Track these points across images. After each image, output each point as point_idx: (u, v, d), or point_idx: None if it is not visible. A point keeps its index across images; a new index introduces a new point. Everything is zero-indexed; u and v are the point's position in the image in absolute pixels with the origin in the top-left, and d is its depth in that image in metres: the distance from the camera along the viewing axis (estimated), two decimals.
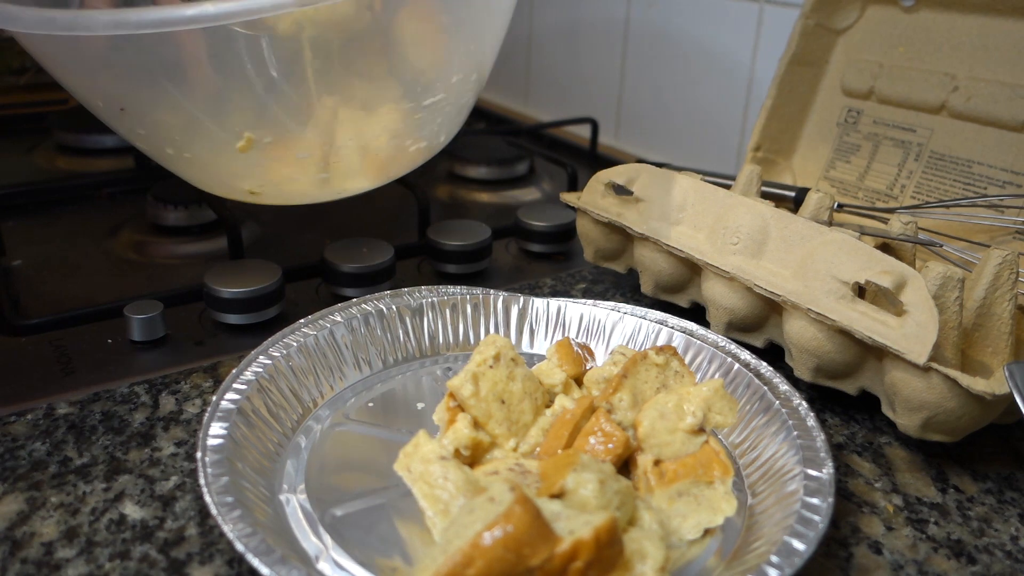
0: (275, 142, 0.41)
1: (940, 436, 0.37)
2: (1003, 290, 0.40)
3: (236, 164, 0.42)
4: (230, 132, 0.41)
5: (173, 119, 0.41)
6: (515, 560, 0.26)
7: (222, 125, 0.41)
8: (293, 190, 0.46)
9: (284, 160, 0.43)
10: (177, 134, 0.42)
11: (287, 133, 0.41)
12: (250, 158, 0.41)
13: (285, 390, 0.38)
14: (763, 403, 0.38)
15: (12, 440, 0.38)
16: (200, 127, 0.41)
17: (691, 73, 0.82)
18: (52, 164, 0.75)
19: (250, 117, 0.40)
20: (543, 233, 0.59)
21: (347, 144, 0.43)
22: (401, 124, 0.44)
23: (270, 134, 0.41)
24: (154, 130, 0.42)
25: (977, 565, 0.33)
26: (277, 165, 0.43)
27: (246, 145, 0.40)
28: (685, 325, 0.45)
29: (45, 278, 0.54)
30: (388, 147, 0.45)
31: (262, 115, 0.40)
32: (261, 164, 0.42)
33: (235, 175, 0.44)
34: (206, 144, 0.42)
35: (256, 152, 0.41)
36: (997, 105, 0.51)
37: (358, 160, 0.45)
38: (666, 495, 0.33)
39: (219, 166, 0.43)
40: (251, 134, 0.40)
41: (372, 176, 0.47)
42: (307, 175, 0.44)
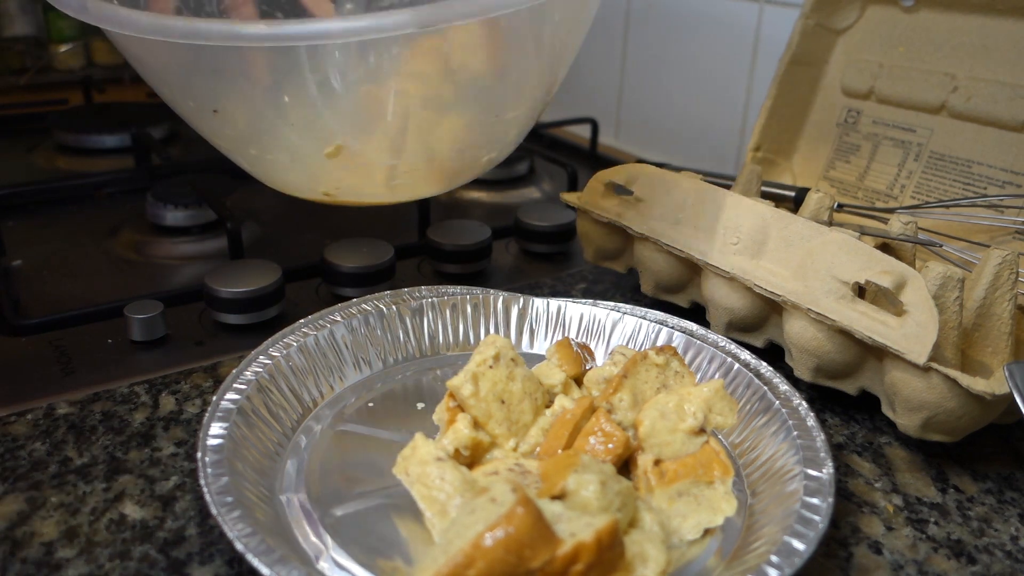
0: (361, 149, 0.42)
1: (940, 436, 0.37)
2: (1003, 290, 0.40)
3: (319, 168, 0.43)
4: (320, 139, 0.41)
5: (266, 124, 0.42)
6: (516, 562, 0.26)
7: (314, 133, 0.41)
8: (365, 192, 0.47)
9: (368, 166, 0.44)
10: (267, 138, 0.43)
11: (372, 142, 0.42)
12: (334, 163, 0.42)
13: (285, 390, 0.38)
14: (763, 403, 0.38)
15: (12, 440, 0.38)
16: (292, 133, 0.42)
17: (691, 73, 0.82)
18: (52, 164, 0.75)
19: (343, 125, 0.41)
20: (543, 233, 0.59)
21: (425, 153, 0.44)
22: (480, 135, 0.45)
23: (358, 142, 0.42)
24: (244, 133, 0.43)
25: (977, 565, 0.33)
26: (360, 170, 0.44)
27: (334, 152, 0.41)
28: (685, 325, 0.45)
29: (45, 278, 0.54)
30: (462, 157, 0.46)
31: (354, 124, 0.41)
32: (343, 169, 0.43)
33: (314, 178, 0.45)
34: (294, 149, 0.43)
35: (343, 159, 0.42)
36: (997, 105, 0.51)
37: (432, 168, 0.46)
38: (666, 495, 0.33)
39: (301, 170, 0.44)
40: (341, 142, 0.41)
41: (442, 183, 0.48)
42: (382, 180, 0.45)
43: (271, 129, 0.42)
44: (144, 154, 0.68)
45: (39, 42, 1.05)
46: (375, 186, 0.46)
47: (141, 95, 0.99)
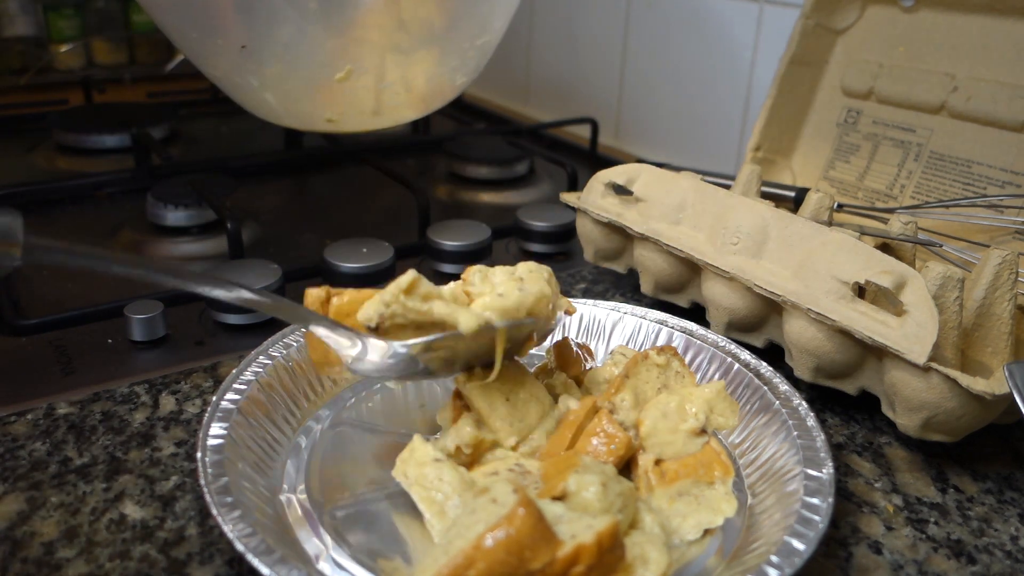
0: (369, 72, 0.46)
1: (940, 436, 0.37)
2: (1003, 290, 0.40)
3: (325, 96, 0.48)
4: (332, 64, 0.46)
5: (290, 55, 0.46)
6: (516, 563, 0.26)
7: (330, 57, 0.46)
8: (362, 119, 0.52)
9: (369, 89, 0.48)
10: (290, 62, 0.47)
11: (382, 66, 0.47)
12: (343, 88, 0.47)
13: (284, 390, 0.38)
14: (763, 403, 0.38)
15: (12, 440, 0.38)
16: (313, 56, 0.46)
17: (691, 73, 0.82)
18: (52, 164, 0.75)
19: (352, 51, 0.46)
20: (543, 233, 0.59)
21: (419, 76, 0.50)
22: (458, 60, 0.50)
23: (365, 65, 0.46)
24: (271, 59, 0.47)
25: (977, 565, 0.33)
26: (362, 93, 0.48)
27: (345, 76, 0.45)
28: (685, 325, 0.45)
29: (45, 278, 0.54)
30: (443, 80, 0.51)
31: (361, 49, 0.46)
32: (349, 93, 0.48)
33: (322, 104, 0.49)
34: (310, 74, 0.47)
35: (351, 83, 0.46)
36: (997, 105, 0.51)
37: (415, 92, 0.51)
38: (666, 495, 0.33)
39: (309, 98, 0.49)
40: (352, 66, 0.45)
41: (420, 107, 0.53)
42: (373, 106, 0.50)
43: (291, 59, 0.46)
44: (144, 154, 0.68)
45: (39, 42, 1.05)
46: (367, 113, 0.50)
47: (141, 95, 0.99)
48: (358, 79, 0.46)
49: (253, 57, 0.47)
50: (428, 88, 0.51)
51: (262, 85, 0.49)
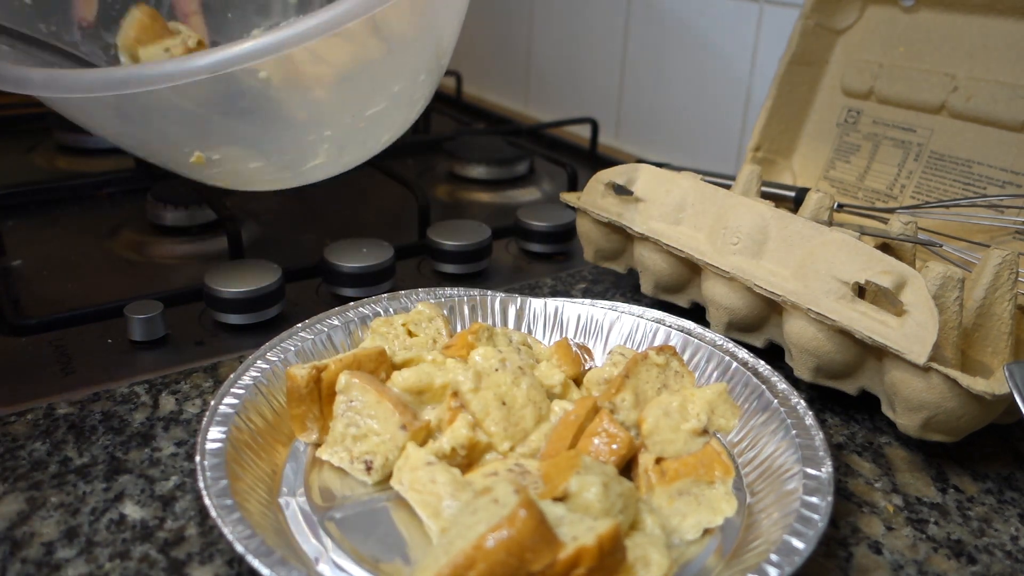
0: (224, 160, 0.47)
1: (940, 436, 0.37)
2: (1003, 290, 0.40)
3: (197, 172, 0.49)
4: (181, 154, 0.47)
5: (130, 144, 0.49)
6: (517, 564, 0.26)
7: (172, 150, 0.47)
8: (258, 184, 0.53)
9: (240, 170, 0.49)
10: (140, 152, 0.50)
11: (232, 156, 0.48)
12: (208, 169, 0.48)
13: (283, 394, 0.38)
14: (761, 402, 0.38)
15: (12, 440, 0.38)
16: (153, 150, 0.49)
17: (691, 73, 0.82)
18: (52, 164, 0.75)
19: (196, 144, 0.46)
20: (543, 233, 0.59)
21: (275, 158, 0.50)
22: (345, 136, 0.50)
23: (217, 154, 0.47)
24: (121, 145, 0.50)
25: (977, 565, 0.33)
26: (234, 172, 0.49)
27: (197, 161, 0.46)
28: (682, 324, 0.45)
29: (45, 278, 0.54)
30: (343, 150, 0.51)
31: (206, 144, 0.46)
32: (219, 173, 0.49)
33: (201, 177, 0.50)
34: (164, 160, 0.49)
35: (211, 166, 0.47)
36: (997, 105, 0.51)
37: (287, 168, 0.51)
38: (666, 493, 0.33)
39: (184, 172, 0.50)
40: (200, 154, 0.46)
41: (328, 171, 0.53)
42: (262, 178, 0.51)
43: (138, 146, 0.49)
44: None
45: None
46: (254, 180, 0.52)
47: None
48: (214, 163, 0.47)
49: (111, 137, 0.49)
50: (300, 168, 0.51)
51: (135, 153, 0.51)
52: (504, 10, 1.04)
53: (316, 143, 0.48)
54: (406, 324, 0.41)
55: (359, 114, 0.48)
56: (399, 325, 0.41)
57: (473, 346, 0.38)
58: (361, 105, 0.48)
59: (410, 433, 0.34)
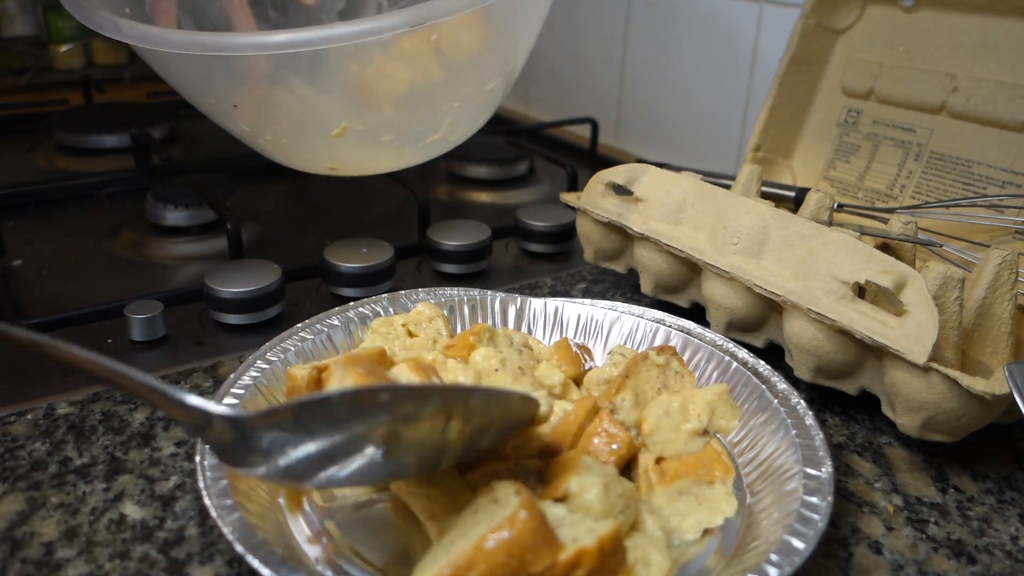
0: (366, 130, 0.49)
1: (940, 436, 0.37)
2: (1003, 290, 0.40)
3: (325, 148, 0.50)
4: (326, 126, 0.48)
5: (280, 114, 0.48)
6: (517, 566, 0.26)
7: (320, 122, 0.48)
8: (372, 166, 0.54)
9: (371, 144, 0.50)
10: (281, 126, 0.49)
11: (378, 124, 0.49)
12: (342, 144, 0.48)
13: (283, 394, 0.38)
14: (761, 402, 0.38)
15: (12, 440, 0.38)
16: (307, 120, 0.48)
17: (691, 73, 0.82)
18: (52, 164, 0.75)
19: (347, 111, 0.47)
20: (543, 233, 0.59)
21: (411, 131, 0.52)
22: (465, 109, 0.52)
23: (363, 124, 0.48)
24: (260, 124, 0.49)
25: (977, 565, 0.33)
26: (364, 147, 0.51)
27: (341, 132, 0.47)
28: (682, 324, 0.45)
29: (45, 278, 0.54)
30: (444, 130, 0.53)
31: (355, 110, 0.48)
32: (349, 149, 0.50)
33: (321, 156, 0.51)
34: (307, 132, 0.49)
35: (349, 138, 0.48)
36: (997, 105, 0.51)
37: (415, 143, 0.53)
38: (666, 493, 0.33)
39: (309, 149, 0.51)
40: (347, 123, 0.47)
41: (422, 155, 0.55)
42: (385, 154, 0.53)
43: (284, 118, 0.48)
44: (144, 154, 0.68)
45: (39, 42, 1.05)
46: (367, 160, 0.53)
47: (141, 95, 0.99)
48: (355, 134, 0.48)
49: (246, 116, 0.48)
50: (428, 140, 0.52)
51: (260, 138, 0.51)
52: None
53: (444, 114, 0.50)
54: (406, 324, 0.41)
55: (480, 88, 0.51)
56: (399, 325, 0.41)
57: (474, 347, 0.38)
58: (483, 80, 0.51)
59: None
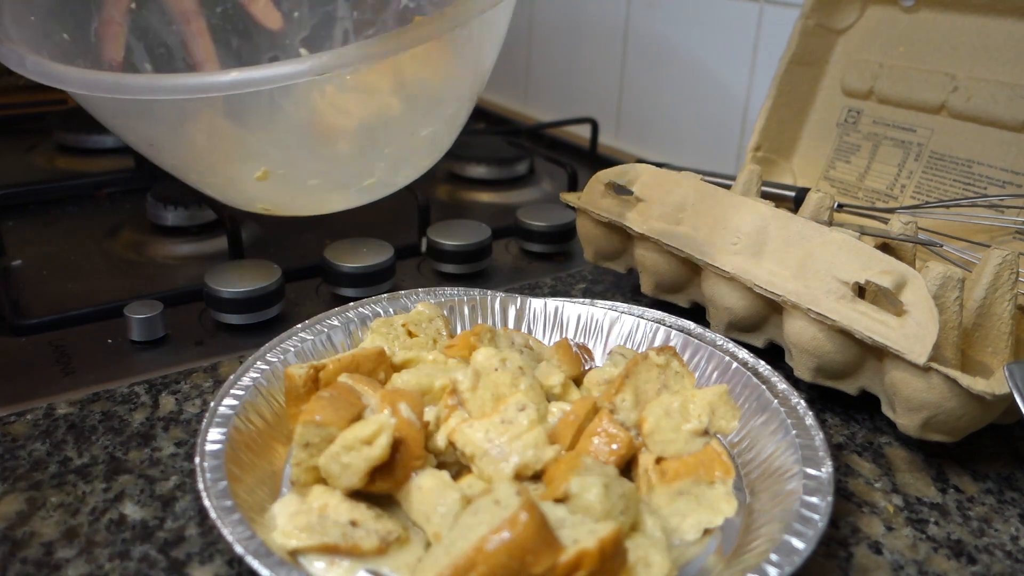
0: (288, 174, 0.47)
1: (940, 436, 0.37)
2: (1003, 290, 0.40)
3: (252, 190, 0.48)
4: (246, 170, 0.46)
5: (195, 159, 0.47)
6: (517, 567, 0.26)
7: (241, 165, 0.46)
8: (303, 208, 0.52)
9: (297, 187, 0.48)
10: (202, 168, 0.48)
11: (299, 168, 0.47)
12: (266, 186, 0.46)
13: (283, 394, 0.38)
14: (761, 402, 0.38)
15: (12, 440, 0.38)
16: (217, 166, 0.47)
17: (691, 73, 0.82)
18: (52, 164, 0.75)
19: (268, 156, 0.46)
20: (543, 233, 0.59)
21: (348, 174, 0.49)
22: (401, 154, 0.50)
23: (284, 168, 0.46)
24: (180, 163, 0.48)
25: (977, 565, 0.33)
26: (290, 190, 0.48)
27: (263, 176, 0.45)
28: (682, 324, 0.45)
29: (45, 278, 0.54)
30: (396, 170, 0.51)
31: (278, 155, 0.46)
32: (274, 191, 0.48)
33: (251, 198, 0.49)
34: (226, 176, 0.48)
35: (272, 182, 0.46)
36: (997, 105, 0.51)
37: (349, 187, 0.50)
38: (666, 493, 0.33)
39: (236, 191, 0.49)
40: (268, 168, 0.45)
41: (374, 194, 0.52)
42: (314, 198, 0.50)
43: (201, 159, 0.47)
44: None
45: None
46: (299, 204, 0.51)
47: None
48: (278, 178, 0.46)
49: (164, 155, 0.48)
50: (363, 184, 0.50)
51: (187, 176, 0.50)
52: None
53: (375, 161, 0.48)
54: (406, 324, 0.41)
55: (416, 132, 0.49)
56: (399, 325, 0.41)
57: (475, 347, 0.38)
58: (420, 125, 0.49)
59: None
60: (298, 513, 0.31)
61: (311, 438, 0.32)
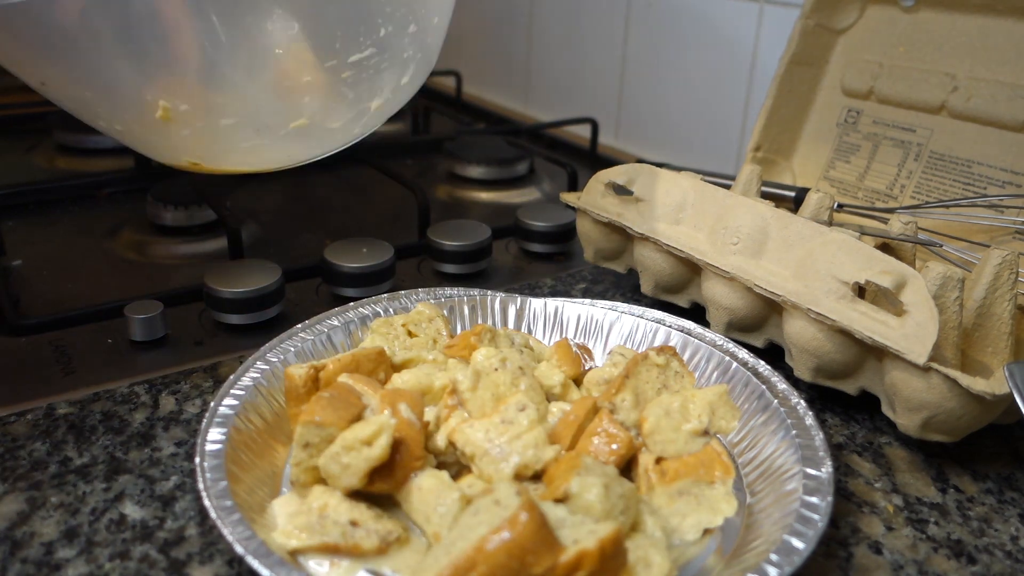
0: (193, 110, 0.38)
1: (940, 436, 0.37)
2: (1003, 290, 0.40)
3: (165, 136, 0.40)
4: (144, 106, 0.38)
5: (88, 92, 0.39)
6: (518, 567, 0.26)
7: (134, 101, 0.38)
8: (233, 159, 0.44)
9: (211, 130, 0.40)
10: (99, 107, 0.40)
11: (201, 100, 0.39)
12: (175, 129, 0.39)
13: (283, 394, 0.38)
14: (761, 402, 0.38)
15: (12, 440, 0.38)
16: (114, 98, 0.39)
17: (691, 73, 0.82)
18: (52, 164, 0.75)
19: (158, 84, 0.38)
20: (543, 233, 0.59)
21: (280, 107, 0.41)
22: (328, 86, 0.41)
23: (185, 103, 0.38)
24: (78, 103, 0.40)
25: (977, 565, 0.33)
26: (206, 133, 0.41)
27: (164, 115, 0.38)
28: (682, 324, 0.45)
29: (45, 278, 0.54)
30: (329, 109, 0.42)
31: (173, 82, 0.38)
32: (189, 136, 0.40)
33: (170, 148, 0.42)
34: (129, 116, 0.40)
35: (179, 123, 0.39)
36: (997, 105, 0.51)
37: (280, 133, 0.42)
38: (666, 493, 0.33)
39: (151, 139, 0.41)
40: (165, 103, 0.38)
41: (317, 143, 0.44)
42: (239, 144, 0.42)
43: (97, 98, 0.39)
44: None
45: None
46: (237, 153, 0.42)
47: None
48: (182, 116, 0.38)
49: (57, 93, 0.40)
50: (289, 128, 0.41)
51: (99, 124, 0.42)
52: (503, 10, 1.04)
53: (294, 91, 0.40)
54: (406, 324, 0.41)
55: (341, 57, 0.39)
56: (399, 325, 0.41)
57: (475, 347, 0.38)
58: (342, 44, 0.39)
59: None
60: (298, 513, 0.31)
61: (311, 438, 0.32)
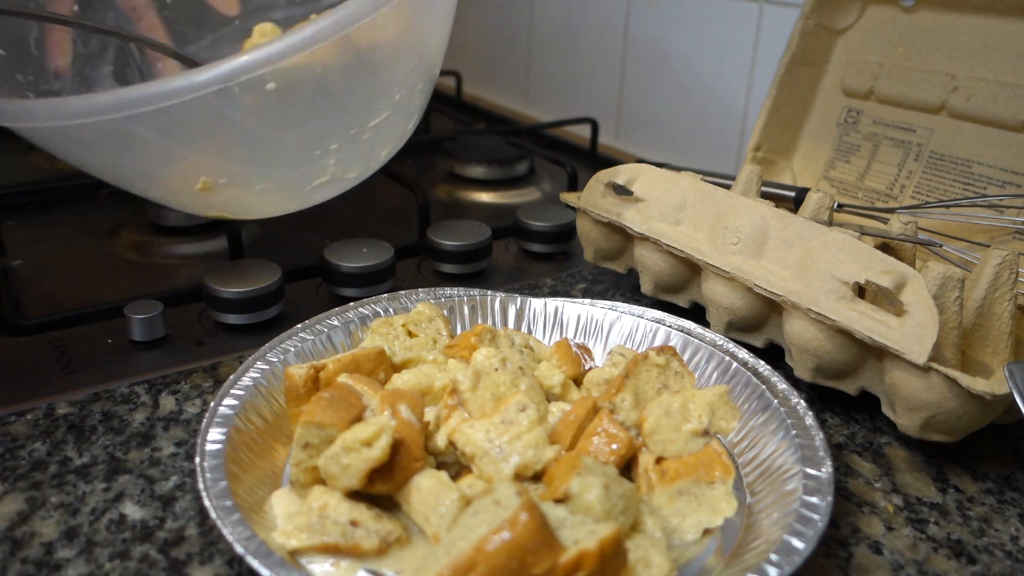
0: (230, 183, 0.44)
1: (940, 436, 0.37)
2: (1003, 290, 0.40)
3: (201, 200, 0.45)
4: (186, 181, 0.43)
5: (129, 175, 0.44)
6: (518, 568, 0.26)
7: (176, 177, 0.43)
8: (259, 212, 0.49)
9: (245, 194, 0.45)
10: (138, 184, 0.45)
11: (241, 175, 0.44)
12: (212, 196, 0.44)
13: (283, 394, 0.38)
14: (761, 402, 0.38)
15: (12, 440, 0.38)
16: (155, 179, 0.44)
17: (691, 73, 0.82)
18: (52, 164, 0.75)
19: (203, 166, 0.42)
20: (543, 233, 0.59)
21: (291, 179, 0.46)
22: (350, 150, 0.46)
23: (224, 177, 0.43)
24: (119, 181, 0.45)
25: (977, 565, 0.33)
26: (239, 197, 0.46)
27: (204, 187, 0.43)
28: (682, 324, 0.45)
29: (45, 278, 0.54)
30: (348, 165, 0.48)
31: (214, 164, 0.42)
32: (223, 199, 0.45)
33: (203, 207, 0.47)
34: (166, 190, 0.45)
35: (217, 192, 0.43)
36: (997, 105, 0.51)
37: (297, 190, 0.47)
38: (666, 493, 0.33)
39: (186, 202, 0.46)
40: (207, 179, 0.42)
41: (333, 190, 0.49)
42: (267, 201, 0.47)
43: (138, 179, 0.45)
44: None
45: None
46: (265, 206, 0.48)
47: None
48: (221, 187, 0.43)
49: (102, 173, 0.45)
50: (314, 184, 0.47)
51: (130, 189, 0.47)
52: (504, 10, 1.04)
53: (322, 157, 0.45)
54: (406, 324, 0.41)
55: (363, 124, 0.45)
56: (399, 325, 0.41)
57: (476, 347, 0.38)
58: (365, 115, 0.45)
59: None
60: (298, 513, 0.31)
61: (311, 439, 0.32)
